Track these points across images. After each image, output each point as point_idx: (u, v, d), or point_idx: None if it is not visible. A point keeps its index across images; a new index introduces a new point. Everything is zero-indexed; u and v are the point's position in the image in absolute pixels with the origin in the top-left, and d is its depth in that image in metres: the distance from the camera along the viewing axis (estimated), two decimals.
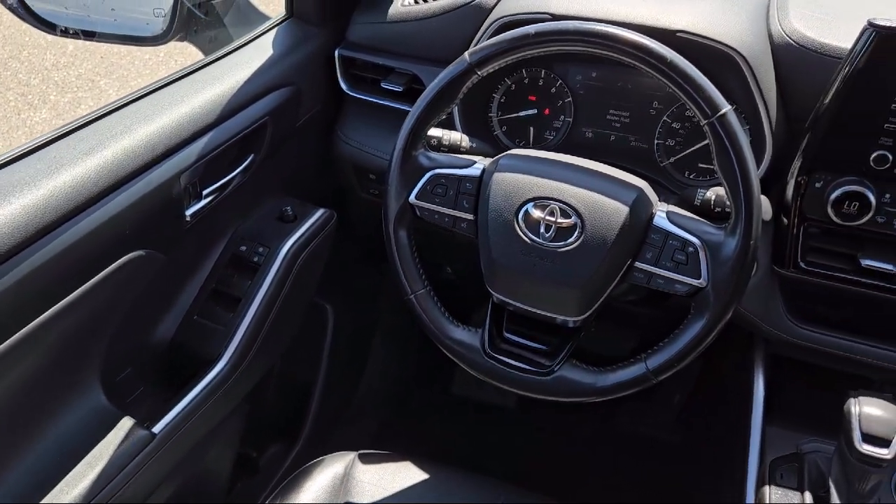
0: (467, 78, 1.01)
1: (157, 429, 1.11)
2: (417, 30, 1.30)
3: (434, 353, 1.14)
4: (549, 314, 1.04)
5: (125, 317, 1.10)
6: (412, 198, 1.07)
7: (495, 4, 1.23)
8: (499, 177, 1.02)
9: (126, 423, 1.08)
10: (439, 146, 1.15)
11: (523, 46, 0.97)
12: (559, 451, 1.96)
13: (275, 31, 1.35)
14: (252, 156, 1.26)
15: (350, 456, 1.23)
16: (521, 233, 0.99)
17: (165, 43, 1.31)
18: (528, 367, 1.04)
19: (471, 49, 1.01)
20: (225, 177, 1.21)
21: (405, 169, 1.06)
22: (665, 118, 1.24)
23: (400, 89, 1.31)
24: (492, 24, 1.20)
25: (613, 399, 2.10)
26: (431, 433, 1.97)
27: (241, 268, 1.28)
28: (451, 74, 1.01)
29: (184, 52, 3.80)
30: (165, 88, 1.16)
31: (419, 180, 1.06)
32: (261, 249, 1.28)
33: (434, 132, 1.15)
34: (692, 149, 1.23)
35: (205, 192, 1.17)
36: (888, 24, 0.95)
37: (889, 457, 0.96)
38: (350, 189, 1.48)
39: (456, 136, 1.16)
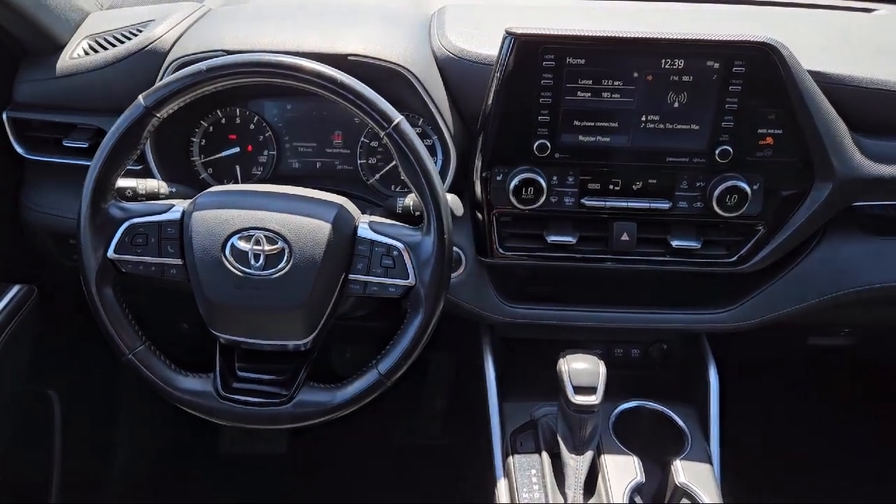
0: (146, 122, 0.99)
1: None
2: (93, 81, 1.24)
3: (191, 415, 1.08)
4: (277, 342, 1.04)
5: None
6: (111, 253, 1.01)
7: (171, 47, 1.21)
8: (199, 215, 1.01)
9: None
10: (136, 196, 1.11)
11: (198, 84, 0.97)
12: (341, 478, 1.96)
13: None
14: None
15: None
16: (231, 267, 0.99)
17: None
18: (265, 399, 1.04)
19: (145, 92, 0.99)
20: None
21: (96, 223, 1.01)
22: (363, 139, 1.31)
23: (85, 145, 1.24)
24: (169, 65, 1.18)
25: (386, 418, 2.14)
26: (204, 500, 1.86)
27: None
28: (128, 120, 0.98)
29: None
30: None
31: (115, 233, 1.01)
32: None
33: (127, 182, 1.11)
34: (393, 163, 1.31)
35: None
36: (522, 31, 1.09)
37: (597, 402, 1.10)
38: (50, 259, 1.36)
39: (153, 184, 1.13)
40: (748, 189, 1.15)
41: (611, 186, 1.18)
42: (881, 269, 1.25)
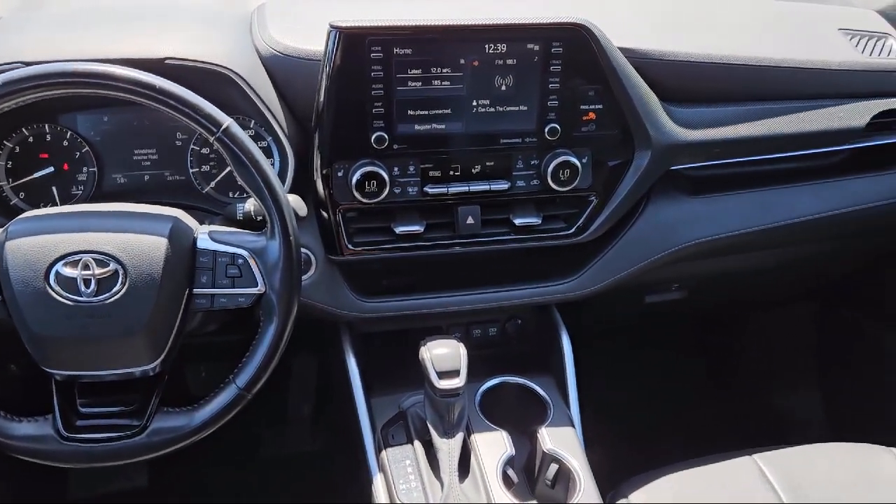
0: None
1: None
2: None
3: (31, 463, 0.98)
4: (122, 371, 0.98)
5: None
6: None
7: None
8: (14, 245, 0.92)
9: None
10: None
11: None
12: (212, 502, 1.87)
13: None
14: None
15: None
16: (58, 297, 0.91)
17: None
18: (115, 434, 0.97)
19: None
20: None
21: None
22: (193, 146, 1.25)
23: None
24: None
25: (253, 430, 2.06)
26: None
27: None
28: None
29: None
30: None
31: None
32: None
33: None
34: (228, 169, 1.26)
35: None
36: (347, 24, 1.08)
37: (461, 384, 1.12)
38: None
39: None
40: (578, 163, 1.21)
41: (451, 172, 1.20)
42: (698, 226, 1.36)
